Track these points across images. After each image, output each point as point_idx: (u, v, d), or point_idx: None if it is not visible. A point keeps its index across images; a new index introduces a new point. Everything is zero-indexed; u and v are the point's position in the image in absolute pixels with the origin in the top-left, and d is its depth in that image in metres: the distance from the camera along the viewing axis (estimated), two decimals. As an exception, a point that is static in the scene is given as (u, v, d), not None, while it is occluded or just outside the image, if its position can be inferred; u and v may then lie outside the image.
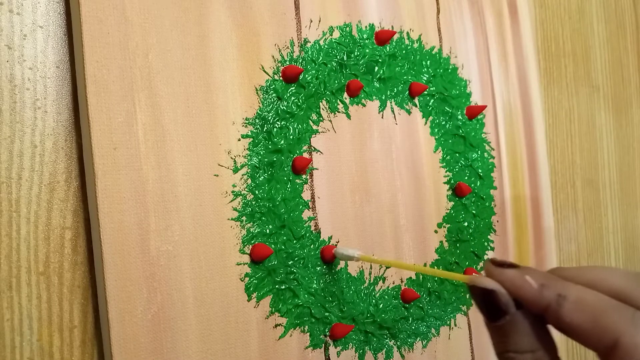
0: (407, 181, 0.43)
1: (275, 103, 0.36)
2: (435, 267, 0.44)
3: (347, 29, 0.40)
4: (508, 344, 0.23)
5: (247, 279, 0.34)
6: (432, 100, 0.45)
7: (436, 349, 0.44)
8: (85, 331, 0.30)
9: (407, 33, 0.43)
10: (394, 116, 0.42)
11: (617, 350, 0.20)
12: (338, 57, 0.39)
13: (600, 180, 0.66)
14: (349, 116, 0.39)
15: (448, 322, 0.44)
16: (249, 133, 0.34)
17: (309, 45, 0.38)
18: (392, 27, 0.43)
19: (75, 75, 0.30)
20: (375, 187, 0.41)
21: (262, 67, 0.35)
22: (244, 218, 0.34)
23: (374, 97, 0.41)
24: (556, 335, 0.24)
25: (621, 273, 0.23)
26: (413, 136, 0.43)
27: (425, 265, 0.43)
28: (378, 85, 0.41)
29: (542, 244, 0.53)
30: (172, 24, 0.32)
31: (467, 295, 0.45)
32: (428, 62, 0.44)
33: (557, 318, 0.22)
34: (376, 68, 0.41)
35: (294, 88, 0.36)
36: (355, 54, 0.40)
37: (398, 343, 0.41)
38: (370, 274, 0.40)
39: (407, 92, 0.43)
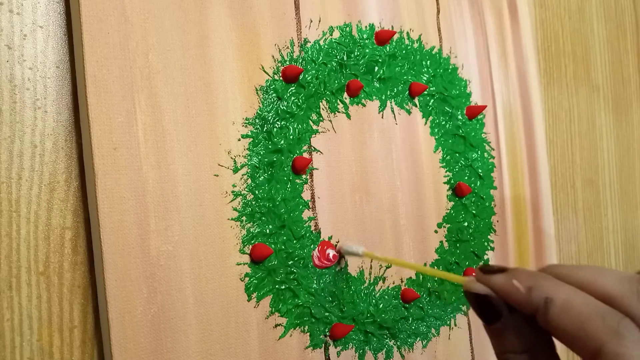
0: (407, 181, 0.43)
1: (275, 103, 0.36)
2: (435, 268, 0.44)
3: (347, 29, 0.40)
4: (505, 345, 0.24)
5: (247, 279, 0.34)
6: (432, 100, 0.45)
7: (436, 349, 0.44)
8: (85, 331, 0.30)
9: (407, 33, 0.43)
10: (394, 116, 0.42)
11: (599, 359, 0.20)
12: (338, 57, 0.39)
13: (600, 180, 0.66)
14: (349, 116, 0.39)
15: (448, 322, 0.44)
16: (249, 133, 0.34)
17: (309, 45, 0.38)
18: (392, 27, 0.43)
19: (75, 75, 0.30)
20: (375, 187, 0.41)
21: (262, 67, 0.35)
22: (244, 218, 0.34)
23: (374, 97, 0.41)
24: None
25: (614, 275, 0.22)
26: (413, 136, 0.43)
27: (425, 265, 0.43)
28: (378, 85, 0.41)
29: (542, 243, 0.53)
30: (172, 24, 0.32)
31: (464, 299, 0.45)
32: (428, 62, 0.44)
33: (544, 321, 0.22)
34: (376, 68, 0.41)
35: (294, 88, 0.36)
36: (355, 54, 0.40)
37: (398, 343, 0.41)
38: (370, 274, 0.40)
39: (407, 92, 0.43)
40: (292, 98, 0.36)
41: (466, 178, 0.46)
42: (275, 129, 0.35)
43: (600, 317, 0.21)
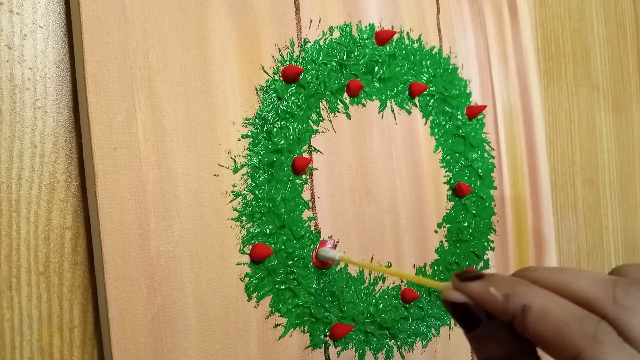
0: (407, 181, 0.43)
1: (275, 103, 0.36)
2: (427, 270, 0.44)
3: (347, 29, 0.40)
4: (486, 351, 0.24)
5: (247, 279, 0.34)
6: (432, 100, 0.45)
7: (436, 349, 0.44)
8: (85, 331, 0.30)
9: (407, 33, 0.43)
10: (394, 116, 0.42)
11: None
12: (338, 57, 0.39)
13: (600, 180, 0.66)
14: (349, 116, 0.39)
15: (448, 322, 0.44)
16: (249, 133, 0.34)
17: (309, 45, 0.38)
18: (392, 27, 0.43)
19: (75, 75, 0.30)
20: (375, 187, 0.41)
21: (262, 67, 0.35)
22: (244, 218, 0.34)
23: (374, 97, 0.41)
24: None
25: (589, 277, 0.22)
26: (413, 136, 0.43)
27: (425, 265, 0.43)
28: (378, 85, 0.41)
29: (542, 244, 0.53)
30: (172, 24, 0.32)
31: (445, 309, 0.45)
32: (428, 62, 0.44)
33: (522, 328, 0.22)
34: (376, 68, 0.41)
35: (294, 88, 0.36)
36: (355, 54, 0.40)
37: (398, 343, 0.41)
38: (370, 273, 0.40)
39: (407, 92, 0.43)
40: (292, 98, 0.36)
41: (466, 178, 0.46)
42: (275, 129, 0.35)
43: (577, 323, 0.20)
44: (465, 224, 0.46)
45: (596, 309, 0.21)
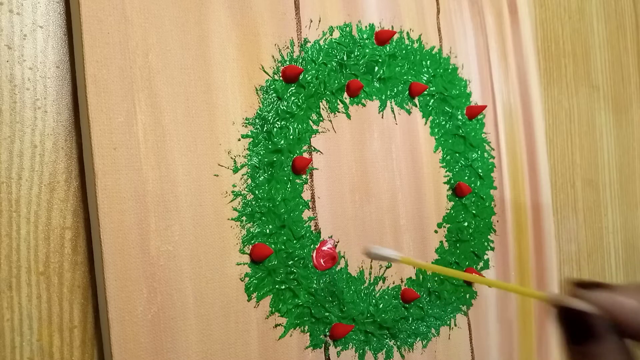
0: (407, 181, 0.43)
1: (275, 103, 0.36)
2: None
3: (347, 29, 0.40)
4: None
5: (247, 279, 0.34)
6: (432, 100, 0.45)
7: (436, 349, 0.44)
8: (85, 331, 0.30)
9: (407, 33, 0.43)
10: (394, 116, 0.42)
11: None
12: (338, 57, 0.39)
13: (600, 180, 0.66)
14: (349, 116, 0.39)
15: (448, 322, 0.44)
16: (249, 133, 0.34)
17: (309, 45, 0.38)
18: (392, 27, 0.43)
19: (75, 75, 0.30)
20: (375, 187, 0.41)
21: (262, 67, 0.35)
22: (244, 218, 0.34)
23: (374, 97, 0.41)
24: None
25: None
26: (413, 136, 0.43)
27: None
28: (378, 85, 0.41)
29: (542, 243, 0.53)
30: (172, 24, 0.32)
31: (552, 317, 0.43)
32: (428, 62, 0.44)
33: None
34: (376, 68, 0.41)
35: (294, 88, 0.36)
36: (355, 54, 0.40)
37: (398, 343, 0.41)
38: (370, 274, 0.40)
39: (407, 92, 0.43)
40: (292, 98, 0.36)
41: (466, 178, 0.46)
42: (275, 129, 0.35)
43: None
44: (465, 224, 0.46)
45: None
